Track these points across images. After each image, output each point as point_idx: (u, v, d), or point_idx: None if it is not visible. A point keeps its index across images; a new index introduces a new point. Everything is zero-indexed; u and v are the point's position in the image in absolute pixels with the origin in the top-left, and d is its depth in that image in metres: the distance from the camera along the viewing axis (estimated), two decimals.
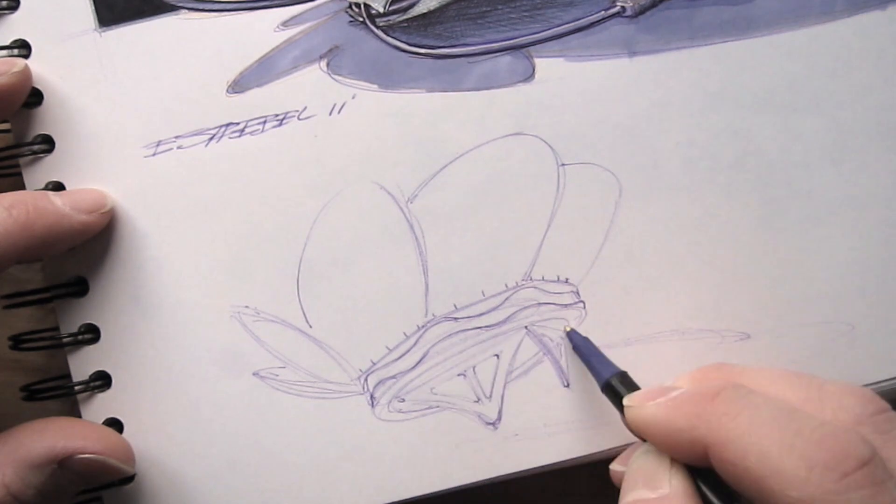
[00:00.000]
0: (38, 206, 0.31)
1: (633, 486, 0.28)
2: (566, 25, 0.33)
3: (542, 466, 0.33)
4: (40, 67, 0.33)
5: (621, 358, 0.33)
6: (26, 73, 0.32)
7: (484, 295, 0.33)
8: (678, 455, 0.27)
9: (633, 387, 0.30)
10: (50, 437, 0.31)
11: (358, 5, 0.33)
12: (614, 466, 0.30)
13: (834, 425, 0.25)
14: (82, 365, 0.33)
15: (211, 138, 0.33)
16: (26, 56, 0.33)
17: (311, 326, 0.33)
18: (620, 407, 0.30)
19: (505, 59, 0.33)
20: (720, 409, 0.26)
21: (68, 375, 0.34)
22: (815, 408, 0.27)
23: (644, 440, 0.29)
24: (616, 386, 0.30)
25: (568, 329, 0.33)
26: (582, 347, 0.32)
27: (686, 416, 0.27)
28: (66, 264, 0.33)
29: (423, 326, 0.33)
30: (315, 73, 0.33)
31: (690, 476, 0.27)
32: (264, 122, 0.33)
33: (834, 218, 0.33)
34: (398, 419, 0.33)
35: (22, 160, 0.33)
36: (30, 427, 0.31)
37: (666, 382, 0.31)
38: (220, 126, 0.33)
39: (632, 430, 0.29)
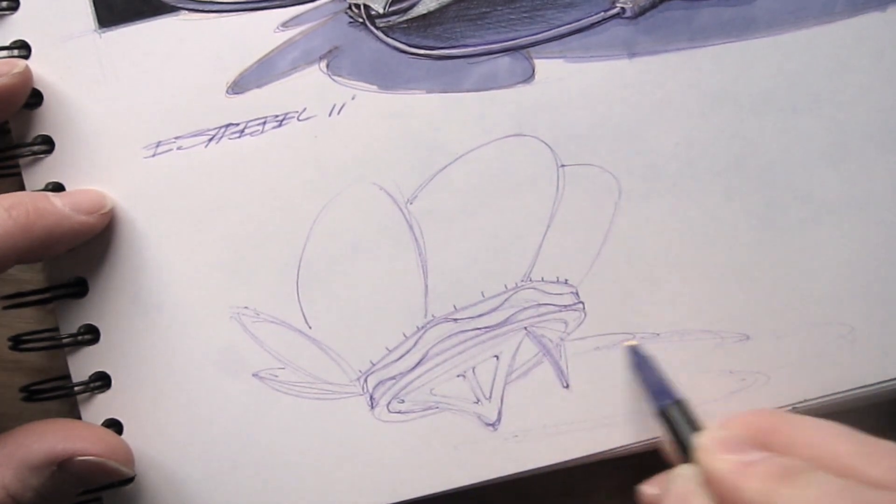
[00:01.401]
0: (37, 207, 0.31)
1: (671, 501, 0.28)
2: (566, 26, 0.33)
3: (542, 468, 0.33)
4: (40, 68, 0.33)
5: (621, 357, 0.33)
6: (27, 75, 0.32)
7: (483, 296, 0.33)
8: None
9: (689, 416, 0.31)
10: (49, 438, 0.31)
11: (358, 6, 0.33)
12: (647, 489, 0.31)
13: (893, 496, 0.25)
14: (82, 366, 0.34)
15: (211, 139, 0.33)
16: (26, 57, 0.33)
17: (310, 327, 0.33)
18: (674, 435, 0.30)
19: (504, 60, 0.33)
20: (789, 492, 0.26)
21: (68, 376, 0.34)
22: (866, 463, 0.27)
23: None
24: (674, 415, 0.31)
25: (631, 344, 0.33)
26: (642, 366, 0.32)
27: (757, 492, 0.27)
28: (66, 265, 0.33)
29: (422, 327, 0.33)
30: (315, 74, 0.33)
31: None
32: (264, 123, 0.33)
33: (833, 219, 0.33)
34: (398, 420, 0.33)
35: (22, 161, 0.33)
36: (29, 429, 0.31)
37: (723, 419, 0.31)
38: (220, 127, 0.33)
39: (681, 460, 0.29)
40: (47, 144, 0.33)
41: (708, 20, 0.33)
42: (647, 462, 0.32)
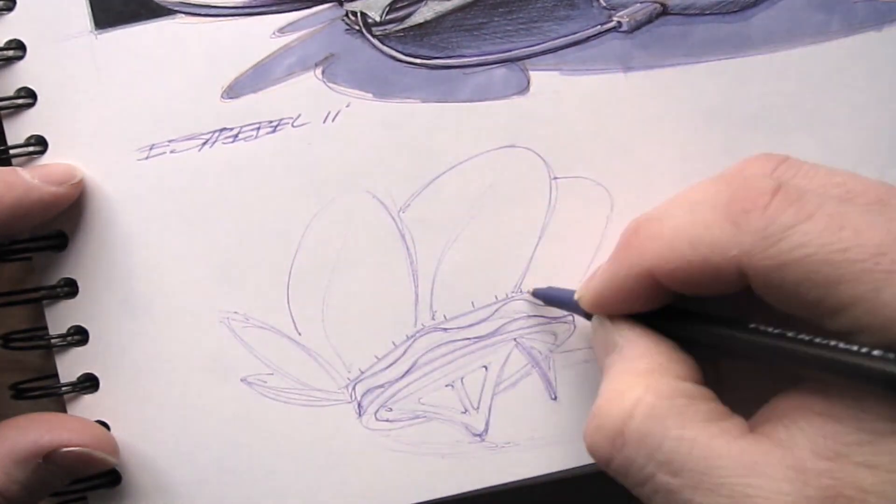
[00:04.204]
0: (5, 180, 0.31)
1: (600, 360, 0.28)
2: (562, 39, 0.33)
3: (529, 479, 0.33)
4: (35, 68, 0.33)
5: None
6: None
7: (474, 306, 0.33)
8: (634, 302, 0.27)
9: None
10: (34, 431, 0.31)
11: (355, 14, 0.33)
12: None
13: (733, 179, 0.26)
14: (70, 366, 0.34)
15: (204, 143, 0.33)
16: (21, 57, 0.33)
17: (300, 334, 0.33)
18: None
19: (500, 72, 0.33)
20: (644, 237, 0.27)
21: (57, 376, 0.34)
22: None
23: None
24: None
25: (531, 291, 0.33)
26: (550, 295, 0.32)
27: (622, 261, 0.27)
28: (57, 266, 0.33)
29: (412, 336, 0.33)
30: (310, 81, 0.33)
31: (638, 322, 0.28)
32: (258, 129, 0.33)
33: None
34: (385, 428, 0.33)
35: (15, 161, 0.33)
36: (13, 423, 0.31)
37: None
38: (214, 131, 0.33)
39: (592, 316, 0.29)
40: (41, 145, 0.33)
41: (704, 36, 0.33)
42: None
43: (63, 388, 0.33)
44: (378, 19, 0.33)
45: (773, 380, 0.26)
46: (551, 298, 0.33)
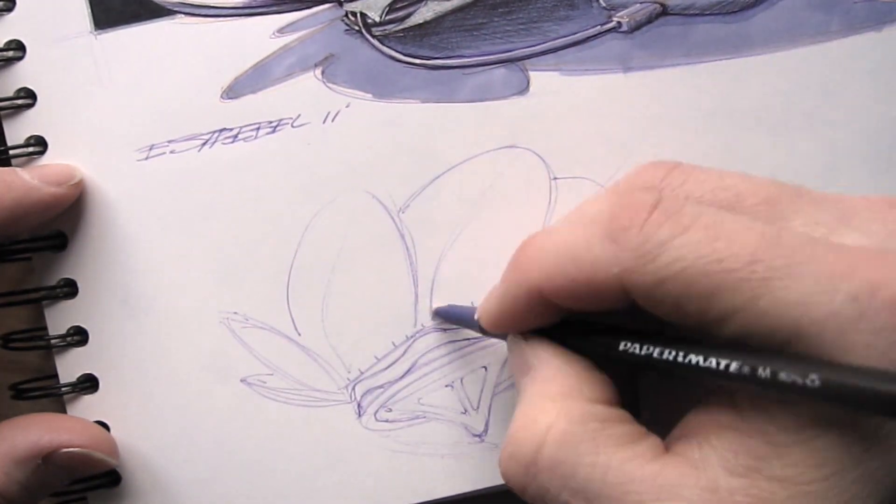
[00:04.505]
0: (4, 181, 0.31)
1: (515, 378, 0.28)
2: (562, 39, 0.33)
3: None
4: (35, 68, 0.33)
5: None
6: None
7: (474, 306, 0.33)
8: (530, 320, 0.27)
9: None
10: (34, 431, 0.31)
11: (354, 14, 0.33)
12: None
13: (618, 192, 0.25)
14: (70, 367, 0.33)
15: (204, 143, 0.33)
16: (21, 57, 0.33)
17: (299, 334, 0.33)
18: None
19: (500, 72, 0.33)
20: (531, 254, 0.26)
21: (57, 376, 0.34)
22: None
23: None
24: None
25: (433, 310, 0.33)
26: (450, 315, 0.32)
27: (512, 279, 0.27)
28: (57, 266, 0.33)
29: (411, 337, 0.33)
30: (310, 81, 0.33)
31: (552, 341, 0.27)
32: (258, 129, 0.33)
33: None
34: (385, 429, 0.33)
35: (14, 161, 0.33)
36: (13, 423, 0.31)
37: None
38: (214, 132, 0.33)
39: (494, 333, 0.29)
40: (40, 145, 0.33)
41: (704, 36, 0.33)
42: None
43: (63, 389, 0.33)
44: (378, 20, 0.33)
45: (688, 394, 0.25)
46: (453, 317, 0.32)
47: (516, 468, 0.25)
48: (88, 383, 0.33)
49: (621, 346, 0.25)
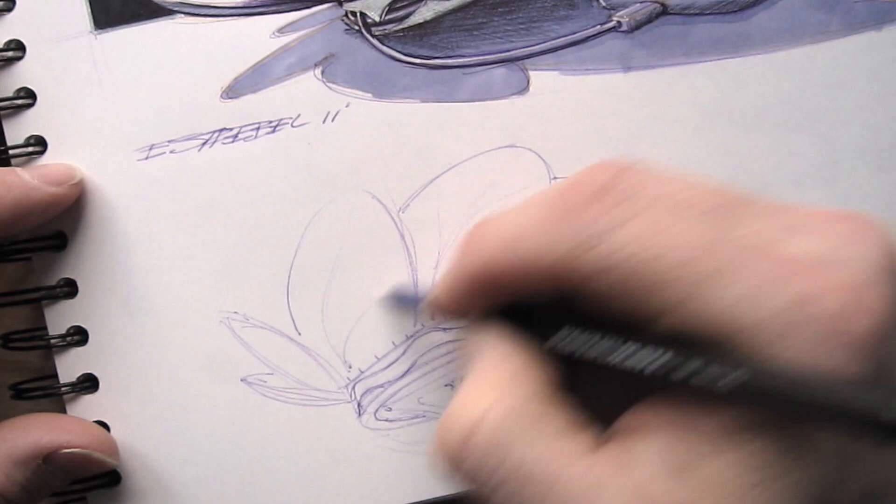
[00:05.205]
0: (4, 181, 0.31)
1: (466, 362, 0.27)
2: (562, 39, 0.33)
3: None
4: (34, 68, 0.33)
5: None
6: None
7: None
8: (472, 301, 0.27)
9: None
10: (34, 432, 0.31)
11: (354, 14, 0.33)
12: None
13: (566, 180, 0.25)
14: (70, 367, 0.33)
15: (204, 143, 0.33)
16: (21, 57, 0.33)
17: (299, 333, 0.33)
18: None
19: (500, 71, 0.33)
20: (479, 236, 0.26)
21: (57, 376, 0.34)
22: None
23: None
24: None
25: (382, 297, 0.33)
26: (397, 300, 0.32)
27: (461, 260, 0.27)
28: (57, 266, 0.33)
29: (411, 336, 0.33)
30: (309, 81, 0.33)
31: (505, 325, 0.27)
32: (258, 129, 0.33)
33: None
34: (385, 428, 0.33)
35: (14, 161, 0.33)
36: (13, 423, 0.31)
37: None
38: (214, 131, 0.33)
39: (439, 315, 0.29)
40: (40, 145, 0.33)
41: (703, 36, 0.33)
42: None
43: (63, 389, 0.33)
44: (377, 19, 0.33)
45: (634, 388, 0.24)
46: (400, 301, 0.32)
47: (449, 448, 0.25)
48: (88, 383, 0.33)
49: (558, 336, 0.25)
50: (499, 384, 0.25)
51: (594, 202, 0.23)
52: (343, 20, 0.33)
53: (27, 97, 0.33)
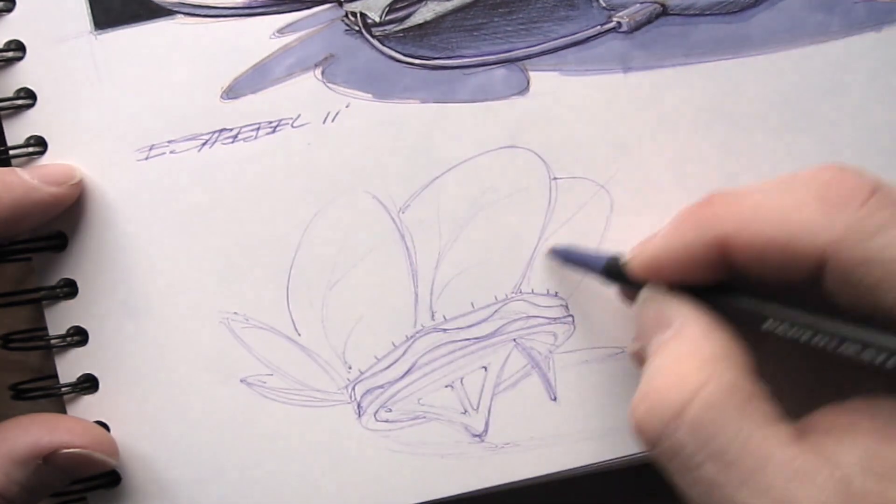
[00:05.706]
0: (4, 181, 0.31)
1: (646, 334, 0.27)
2: (562, 39, 0.33)
3: (528, 479, 0.33)
4: (35, 69, 0.33)
5: (609, 371, 0.33)
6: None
7: (473, 307, 0.33)
8: (691, 273, 0.27)
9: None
10: (34, 432, 0.31)
11: (354, 14, 0.33)
12: (630, 347, 0.29)
13: (831, 167, 0.25)
14: (70, 367, 0.33)
15: (204, 144, 0.33)
16: (21, 57, 0.33)
17: (299, 334, 0.33)
18: (622, 280, 0.29)
19: (500, 72, 0.33)
20: (721, 207, 0.26)
21: (57, 376, 0.34)
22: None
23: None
24: (615, 265, 0.30)
25: (548, 249, 0.33)
26: (568, 256, 0.32)
27: (692, 226, 0.26)
28: (57, 266, 0.33)
29: (411, 337, 0.33)
30: (310, 81, 0.33)
31: (697, 302, 0.27)
32: (258, 129, 0.33)
33: None
34: (385, 429, 0.33)
35: (14, 161, 0.33)
36: (14, 423, 0.32)
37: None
38: (214, 132, 0.33)
39: (635, 284, 0.28)
40: (41, 145, 0.33)
41: (703, 37, 0.33)
42: (629, 478, 0.32)
43: (63, 389, 0.33)
44: (377, 20, 0.33)
45: (820, 390, 0.25)
46: (572, 258, 0.32)
47: (654, 421, 0.25)
48: (88, 383, 0.33)
49: (777, 319, 0.25)
50: (710, 361, 0.25)
51: (867, 200, 0.24)
52: (343, 21, 0.33)
53: (27, 97, 0.33)
